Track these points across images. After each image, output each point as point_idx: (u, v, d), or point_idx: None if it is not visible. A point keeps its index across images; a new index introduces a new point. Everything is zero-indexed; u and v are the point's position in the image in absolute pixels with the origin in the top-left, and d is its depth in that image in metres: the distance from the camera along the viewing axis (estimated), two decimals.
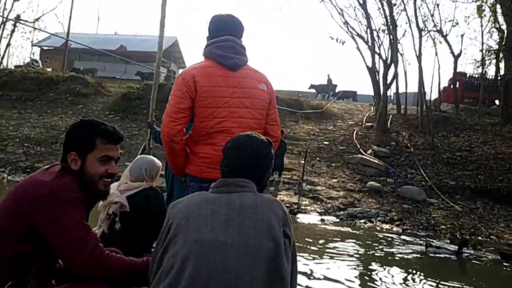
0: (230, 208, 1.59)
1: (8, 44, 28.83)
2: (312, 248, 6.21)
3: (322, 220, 8.27)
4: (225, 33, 2.45)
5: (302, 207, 8.84)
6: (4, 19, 27.23)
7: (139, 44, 33.28)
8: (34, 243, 1.71)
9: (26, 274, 1.72)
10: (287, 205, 8.80)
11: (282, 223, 1.59)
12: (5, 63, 28.36)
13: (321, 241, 6.70)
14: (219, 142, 2.25)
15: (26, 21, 29.67)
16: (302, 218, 8.31)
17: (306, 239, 6.71)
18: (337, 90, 25.09)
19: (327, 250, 6.12)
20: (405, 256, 6.24)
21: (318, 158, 12.70)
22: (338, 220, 8.40)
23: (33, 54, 35.23)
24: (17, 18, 28.54)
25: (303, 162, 10.80)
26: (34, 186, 1.74)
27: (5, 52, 29.70)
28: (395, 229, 8.03)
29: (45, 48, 35.52)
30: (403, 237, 7.47)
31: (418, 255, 6.33)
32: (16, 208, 1.70)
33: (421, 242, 6.91)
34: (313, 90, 25.65)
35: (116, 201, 2.74)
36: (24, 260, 1.72)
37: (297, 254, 1.69)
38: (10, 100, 16.30)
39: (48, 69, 21.88)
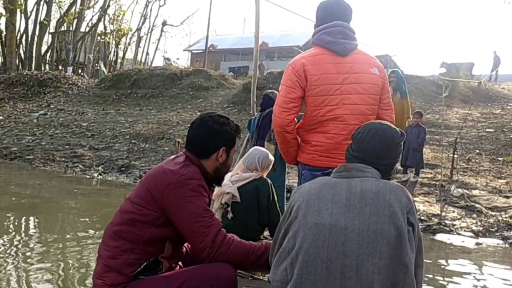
0: (350, 193, 1.57)
1: (156, 49, 30.61)
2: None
3: (478, 244, 5.32)
4: (332, 18, 2.39)
5: (447, 222, 5.94)
6: (152, 26, 28.80)
7: (280, 40, 33.23)
8: (166, 227, 1.90)
9: (160, 255, 1.93)
10: (422, 217, 6.04)
11: (407, 210, 1.53)
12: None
13: (474, 280, 4.00)
14: (331, 130, 2.32)
15: (171, 25, 31.22)
16: (445, 239, 5.47)
17: (448, 276, 4.03)
18: (452, 62, 19.71)
19: None
20: None
21: (477, 151, 9.31)
22: (506, 245, 5.33)
23: (187, 58, 37.27)
24: (164, 23, 30.11)
25: (452, 156, 7.77)
26: (163, 174, 1.91)
27: (154, 56, 31.66)
28: None
29: (194, 51, 37.47)
30: None
31: None
32: (149, 196, 1.89)
33: None
34: (444, 70, 20.33)
35: (227, 192, 2.84)
36: (159, 242, 1.92)
37: None
38: (137, 98, 16.29)
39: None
